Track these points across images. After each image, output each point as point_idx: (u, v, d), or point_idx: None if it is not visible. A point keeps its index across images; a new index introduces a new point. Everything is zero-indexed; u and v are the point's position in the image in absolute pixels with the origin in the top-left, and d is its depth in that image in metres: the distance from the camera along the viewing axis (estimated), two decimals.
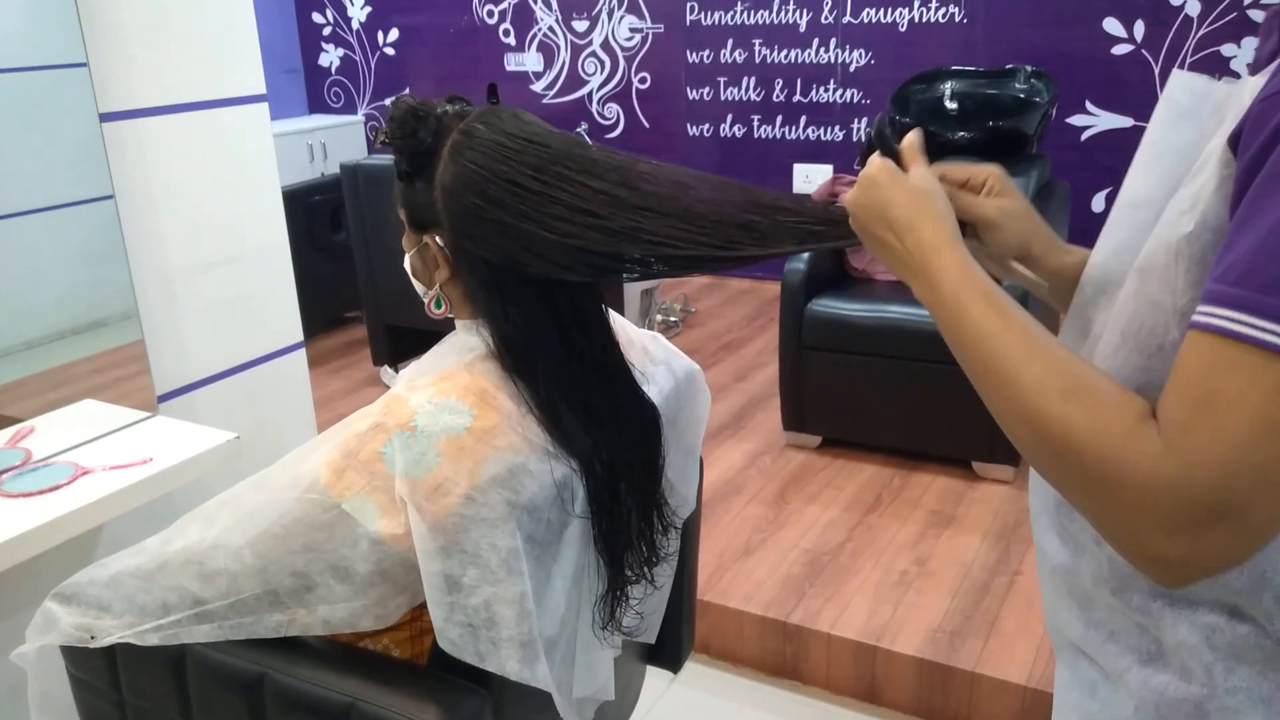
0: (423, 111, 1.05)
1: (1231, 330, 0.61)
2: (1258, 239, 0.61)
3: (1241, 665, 0.74)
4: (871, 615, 2.28)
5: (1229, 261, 0.63)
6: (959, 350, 0.78)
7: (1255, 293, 0.60)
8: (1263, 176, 0.63)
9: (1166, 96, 0.82)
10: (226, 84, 2.05)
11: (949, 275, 0.80)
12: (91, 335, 2.09)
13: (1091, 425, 0.67)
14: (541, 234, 1.00)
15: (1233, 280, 0.62)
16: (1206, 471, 0.61)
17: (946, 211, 0.85)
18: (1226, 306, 0.62)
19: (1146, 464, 0.63)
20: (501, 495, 0.99)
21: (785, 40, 4.55)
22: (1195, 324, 0.64)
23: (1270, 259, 0.60)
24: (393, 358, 3.75)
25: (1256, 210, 0.62)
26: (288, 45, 5.75)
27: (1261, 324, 0.60)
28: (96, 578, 1.17)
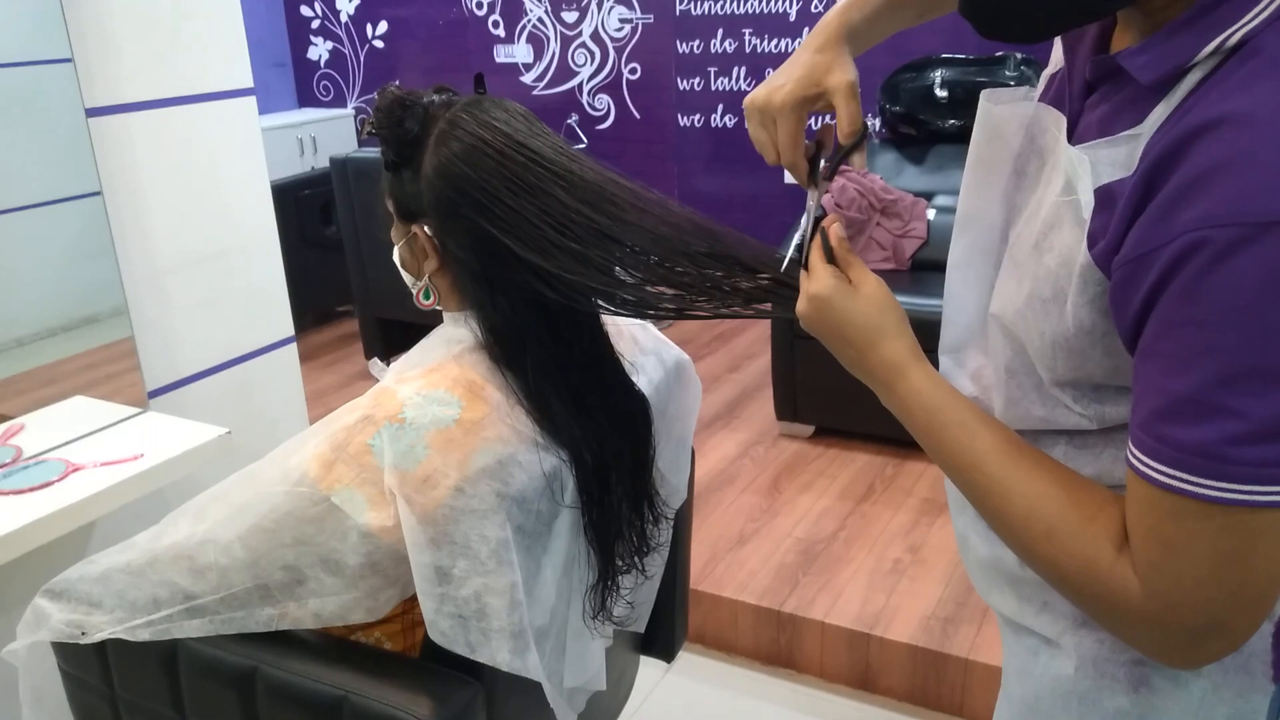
0: (409, 101, 1.05)
1: (1169, 485, 0.65)
2: (1173, 402, 0.64)
3: None
4: (865, 603, 2.29)
5: (1148, 414, 0.66)
6: (939, 465, 0.82)
7: (1181, 453, 0.64)
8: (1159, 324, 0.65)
9: (979, 123, 0.89)
10: (213, 78, 2.04)
11: (917, 400, 0.83)
12: (81, 332, 2.09)
13: (1076, 566, 0.72)
14: (509, 242, 1.01)
15: (1157, 438, 0.66)
16: (1184, 608, 0.67)
17: (903, 323, 0.86)
18: (1157, 460, 0.66)
19: (1133, 601, 0.69)
20: (491, 486, 0.99)
21: (776, 29, 4.54)
22: (1134, 469, 0.68)
23: (1186, 425, 0.64)
24: (384, 351, 3.74)
25: (1165, 365, 0.65)
26: (276, 38, 5.73)
27: (1192, 479, 0.64)
28: (87, 574, 1.17)
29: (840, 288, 0.86)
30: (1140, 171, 0.67)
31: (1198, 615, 0.67)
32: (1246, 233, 0.60)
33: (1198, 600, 0.67)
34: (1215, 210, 0.61)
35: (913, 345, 0.85)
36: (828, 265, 0.88)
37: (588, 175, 1.03)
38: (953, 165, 3.55)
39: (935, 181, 3.52)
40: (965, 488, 0.80)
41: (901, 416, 0.85)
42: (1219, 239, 0.60)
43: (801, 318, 0.90)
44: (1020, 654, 0.92)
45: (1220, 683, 0.79)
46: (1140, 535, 0.69)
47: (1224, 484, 0.63)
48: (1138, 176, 0.67)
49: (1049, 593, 0.86)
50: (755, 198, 4.76)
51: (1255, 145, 0.61)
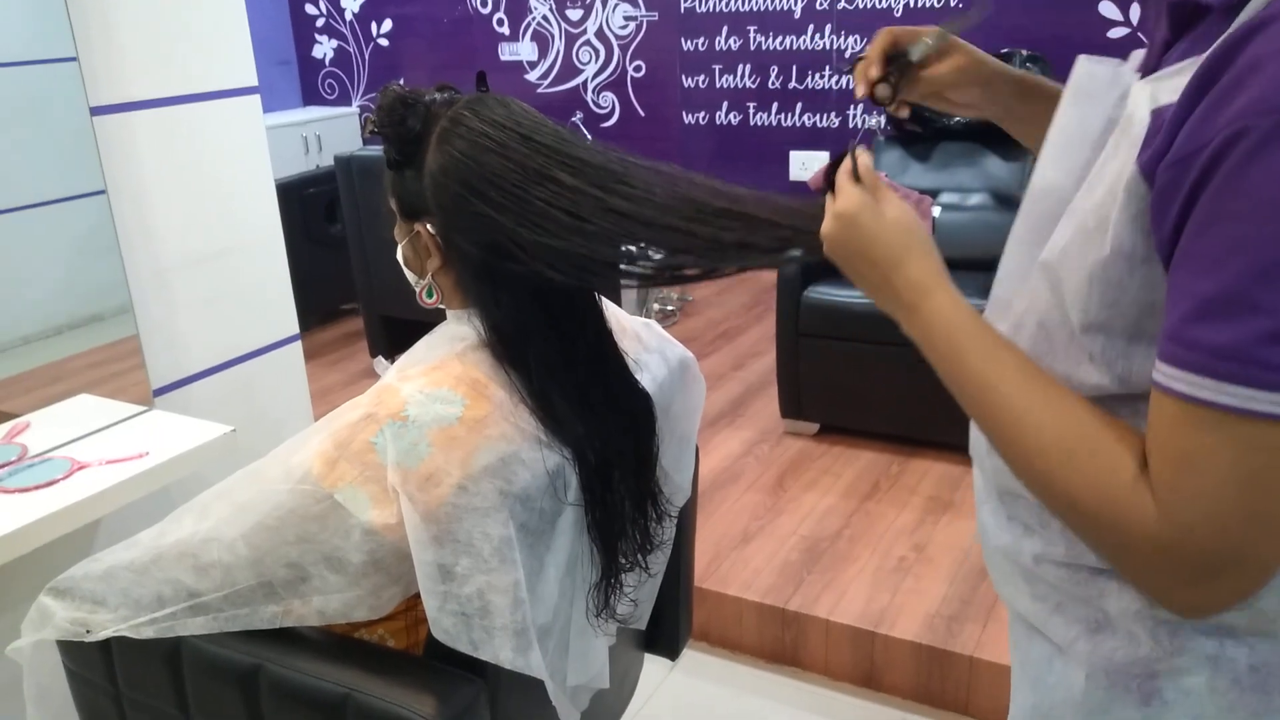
0: (411, 99, 1.05)
1: (1192, 395, 0.63)
2: (1203, 302, 0.62)
3: (1185, 626, 0.77)
4: (870, 601, 2.28)
5: (1177, 320, 0.64)
6: (956, 393, 0.79)
7: (1208, 357, 0.62)
8: (1196, 224, 0.64)
9: (1071, 84, 0.83)
10: (218, 76, 2.04)
11: (940, 319, 0.80)
12: (86, 330, 2.09)
13: (1093, 490, 0.69)
14: (519, 230, 1.00)
15: (1186, 344, 0.63)
16: (1201, 531, 0.64)
17: (931, 245, 0.84)
18: (1183, 369, 0.63)
19: (1149, 527, 0.66)
20: (494, 484, 0.99)
21: (780, 26, 4.53)
22: (1158, 385, 0.66)
23: (1217, 325, 0.62)
24: (389, 349, 3.74)
25: (1198, 266, 0.63)
26: (281, 37, 5.73)
27: (1218, 386, 0.62)
28: (91, 572, 1.17)
29: (869, 204, 0.84)
30: (1192, 79, 0.66)
31: (1214, 541, 0.64)
32: (1225, 140, 0.60)
33: (1215, 524, 0.63)
34: (1256, 101, 0.60)
35: (940, 266, 0.82)
36: (856, 185, 0.86)
37: (594, 158, 1.02)
38: (958, 163, 3.54)
39: (940, 179, 3.52)
40: (983, 411, 0.77)
41: (923, 339, 0.81)
42: (1259, 127, 0.59)
43: (827, 239, 0.87)
44: (1034, 661, 0.90)
45: (1235, 702, 0.77)
46: (1160, 455, 0.66)
47: (1250, 390, 0.60)
48: (1189, 84, 0.66)
49: (1063, 594, 0.84)
50: None
51: None
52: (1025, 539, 0.86)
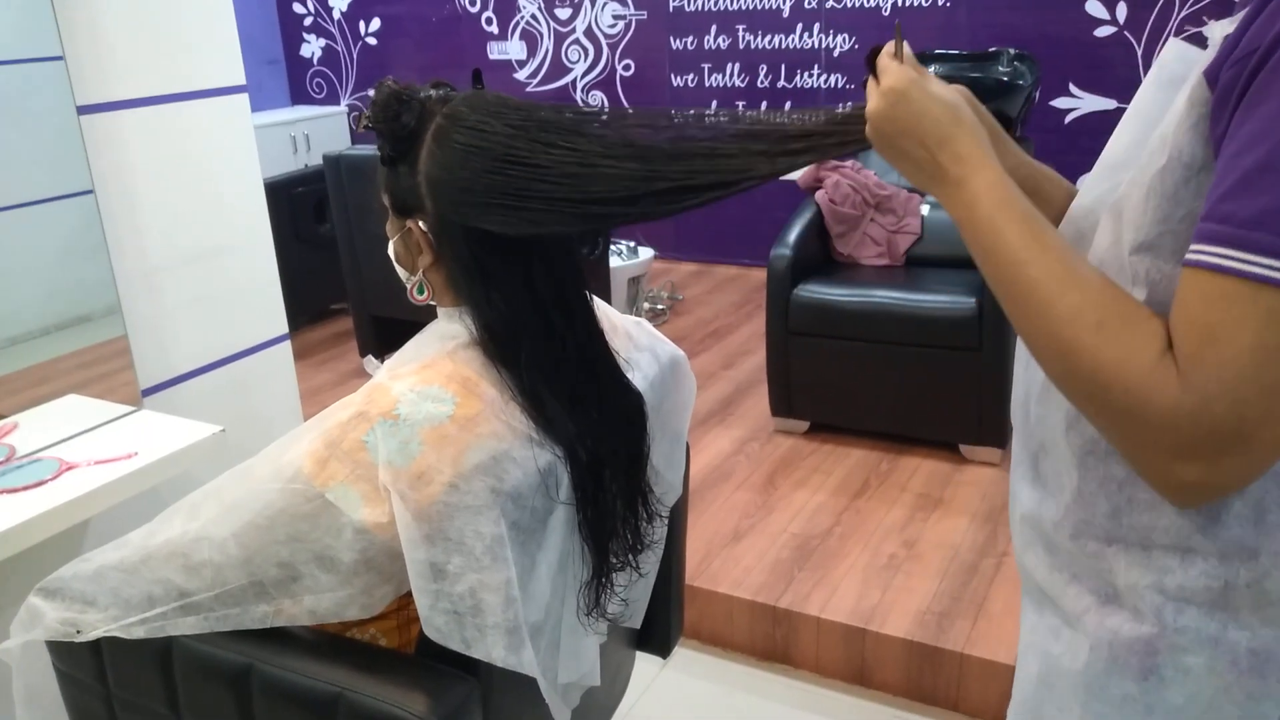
0: (406, 95, 1.05)
1: (1220, 265, 0.64)
2: (1241, 175, 0.63)
3: (1190, 606, 0.77)
4: (860, 598, 2.29)
5: (1215, 199, 0.65)
6: (990, 271, 0.77)
7: (1239, 228, 0.63)
8: (1244, 108, 0.65)
9: (1159, 63, 0.83)
10: (206, 75, 2.04)
11: (986, 194, 0.78)
12: (74, 331, 2.08)
13: (1119, 357, 0.69)
14: (533, 192, 0.98)
15: (1219, 218, 0.64)
16: (1220, 402, 0.64)
17: (977, 124, 0.83)
18: (1214, 243, 0.64)
19: (1168, 396, 0.66)
20: (485, 483, 0.99)
21: (769, 25, 4.54)
22: (1189, 262, 0.66)
23: (1251, 195, 0.63)
24: (379, 349, 3.73)
25: (1240, 145, 0.64)
26: (268, 36, 5.71)
27: (1246, 257, 0.62)
28: (80, 572, 1.17)
29: (918, 80, 0.82)
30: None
31: (1229, 413, 0.64)
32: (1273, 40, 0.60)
33: (1234, 393, 0.64)
34: None
35: (987, 145, 0.81)
36: (902, 65, 0.84)
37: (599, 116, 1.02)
38: None
39: None
40: (1015, 285, 0.75)
41: (965, 215, 0.79)
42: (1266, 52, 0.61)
43: (873, 116, 0.85)
44: (1042, 632, 0.91)
45: (1231, 683, 0.78)
46: (1185, 329, 0.66)
47: (1266, 259, 0.61)
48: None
49: (1079, 565, 0.84)
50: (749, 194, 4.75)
51: None
52: (1046, 504, 0.86)
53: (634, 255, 4.18)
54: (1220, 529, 0.75)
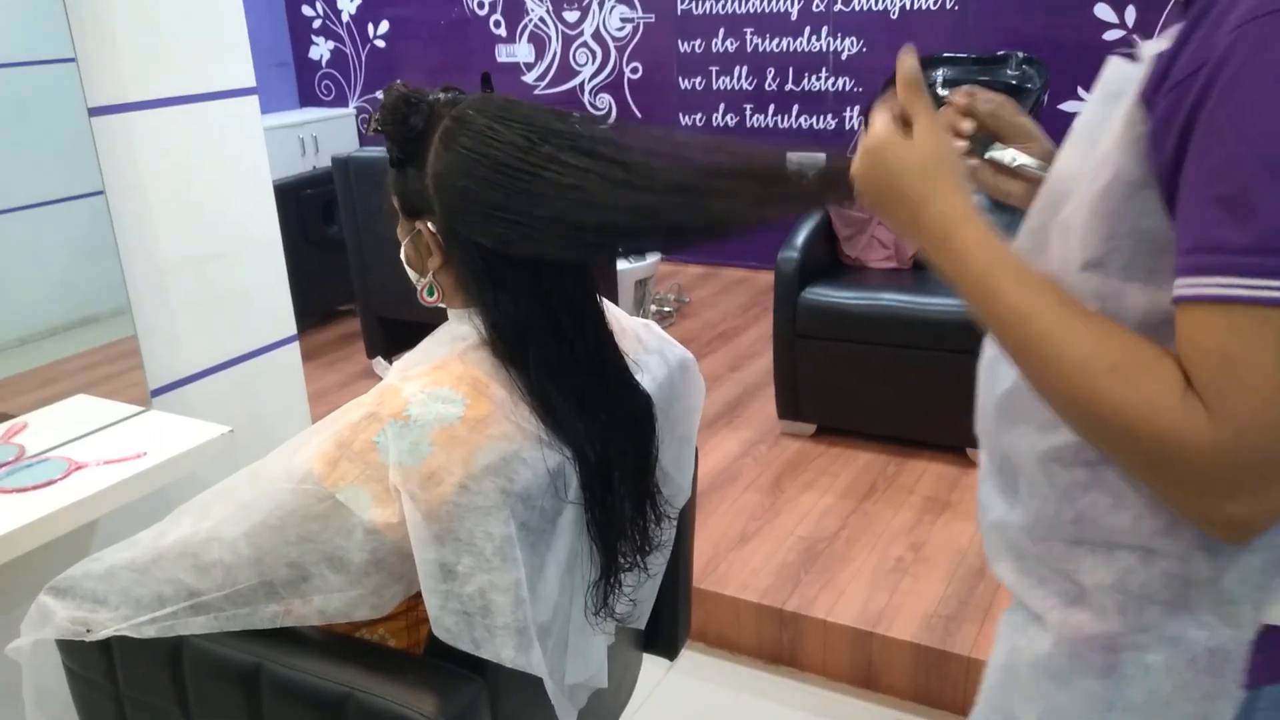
0: (414, 98, 1.05)
1: (1224, 295, 0.63)
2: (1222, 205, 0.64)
3: (1152, 605, 0.79)
4: (867, 602, 2.29)
5: (1199, 232, 0.65)
6: (993, 329, 0.77)
7: (1236, 255, 0.63)
8: (1200, 140, 0.65)
9: (1102, 80, 0.84)
10: (216, 77, 2.04)
11: (974, 254, 0.78)
12: (83, 331, 2.09)
13: (1143, 402, 0.67)
14: (533, 213, 1.00)
15: (1210, 248, 0.64)
16: (1253, 431, 0.63)
17: (960, 176, 0.82)
18: (1213, 274, 0.64)
19: (1202, 435, 0.64)
20: (495, 483, 0.99)
21: (777, 29, 4.54)
22: (1186, 297, 0.66)
23: (1237, 223, 0.63)
24: (386, 350, 3.74)
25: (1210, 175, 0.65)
26: (277, 38, 5.73)
27: (1249, 283, 0.62)
28: (91, 571, 1.17)
29: (893, 138, 0.83)
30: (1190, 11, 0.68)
31: (1265, 441, 0.63)
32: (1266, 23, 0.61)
33: (1266, 422, 0.63)
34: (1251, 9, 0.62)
35: (968, 200, 0.81)
36: (887, 116, 0.84)
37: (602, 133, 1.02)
38: None
39: None
40: (1019, 340, 0.74)
41: (955, 274, 0.79)
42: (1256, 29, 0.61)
43: (856, 177, 0.85)
44: (1011, 624, 0.93)
45: (1190, 682, 0.79)
46: (1200, 365, 0.65)
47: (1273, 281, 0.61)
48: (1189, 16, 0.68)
49: (1046, 568, 0.85)
50: None
51: None
52: (1013, 511, 0.88)
53: (641, 257, 4.19)
54: (1180, 529, 0.76)
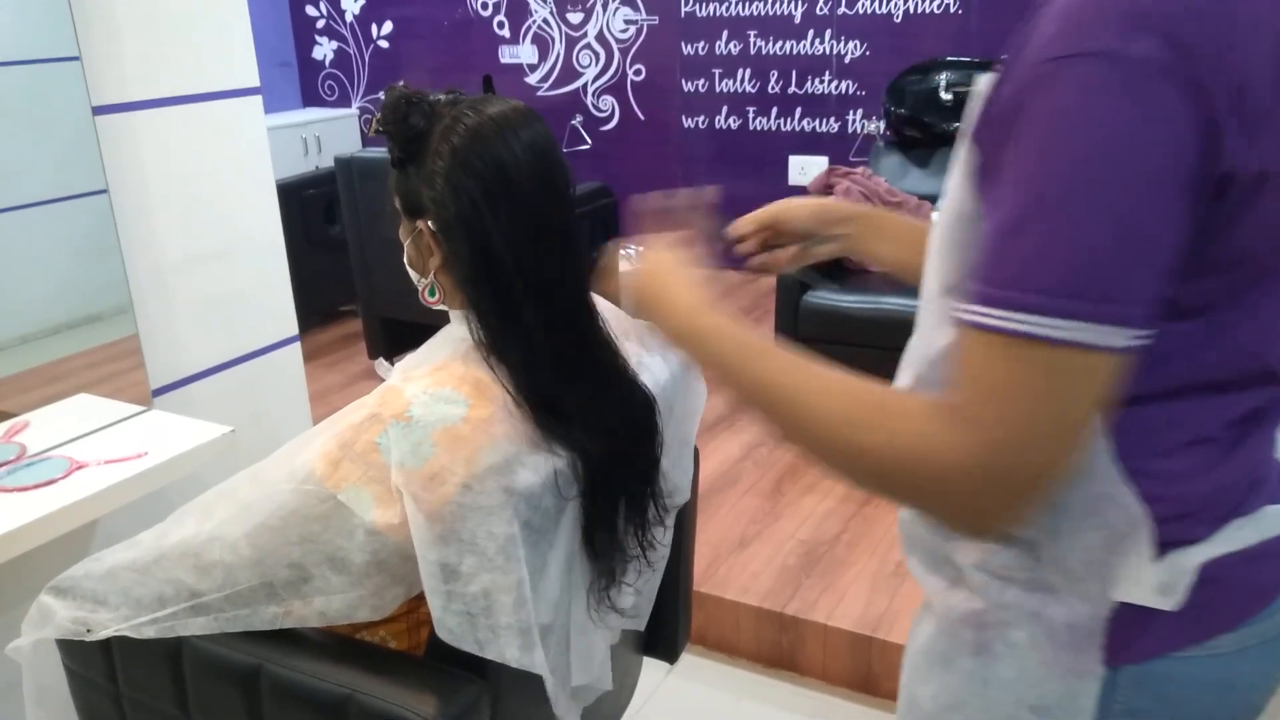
0: (415, 98, 1.06)
1: (986, 324, 0.68)
2: (993, 238, 0.69)
3: (1012, 585, 0.82)
4: (868, 606, 2.28)
5: (977, 259, 0.70)
6: (747, 404, 0.85)
7: (998, 288, 0.67)
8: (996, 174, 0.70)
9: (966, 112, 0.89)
10: (220, 77, 2.04)
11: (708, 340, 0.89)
12: (86, 330, 2.09)
13: (883, 442, 0.73)
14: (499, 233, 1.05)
15: (982, 278, 0.69)
16: (1005, 453, 0.68)
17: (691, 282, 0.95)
18: (981, 303, 0.68)
19: (952, 457, 0.69)
20: (498, 483, 0.99)
21: (780, 32, 4.54)
22: (960, 320, 0.70)
23: (1000, 257, 0.68)
24: (388, 351, 3.74)
25: (990, 207, 0.70)
26: (281, 38, 5.73)
27: (1008, 315, 0.66)
28: (92, 571, 1.17)
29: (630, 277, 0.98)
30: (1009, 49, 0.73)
31: (1016, 462, 0.68)
32: (1047, 69, 0.66)
33: (1016, 443, 0.68)
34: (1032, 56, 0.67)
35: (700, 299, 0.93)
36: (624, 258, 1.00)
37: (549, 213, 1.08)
38: None
39: (940, 184, 3.51)
40: (770, 410, 0.82)
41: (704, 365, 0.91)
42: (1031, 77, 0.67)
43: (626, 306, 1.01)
44: (917, 614, 0.97)
45: (1052, 657, 0.81)
46: (967, 384, 0.70)
47: (1020, 315, 0.65)
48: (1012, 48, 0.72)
49: (933, 555, 0.89)
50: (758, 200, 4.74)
51: None
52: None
53: None
54: None
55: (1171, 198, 0.65)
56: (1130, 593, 0.78)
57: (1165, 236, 0.66)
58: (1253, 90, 0.65)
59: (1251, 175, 0.66)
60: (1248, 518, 0.79)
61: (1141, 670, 0.81)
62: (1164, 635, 0.80)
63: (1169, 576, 0.77)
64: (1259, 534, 0.80)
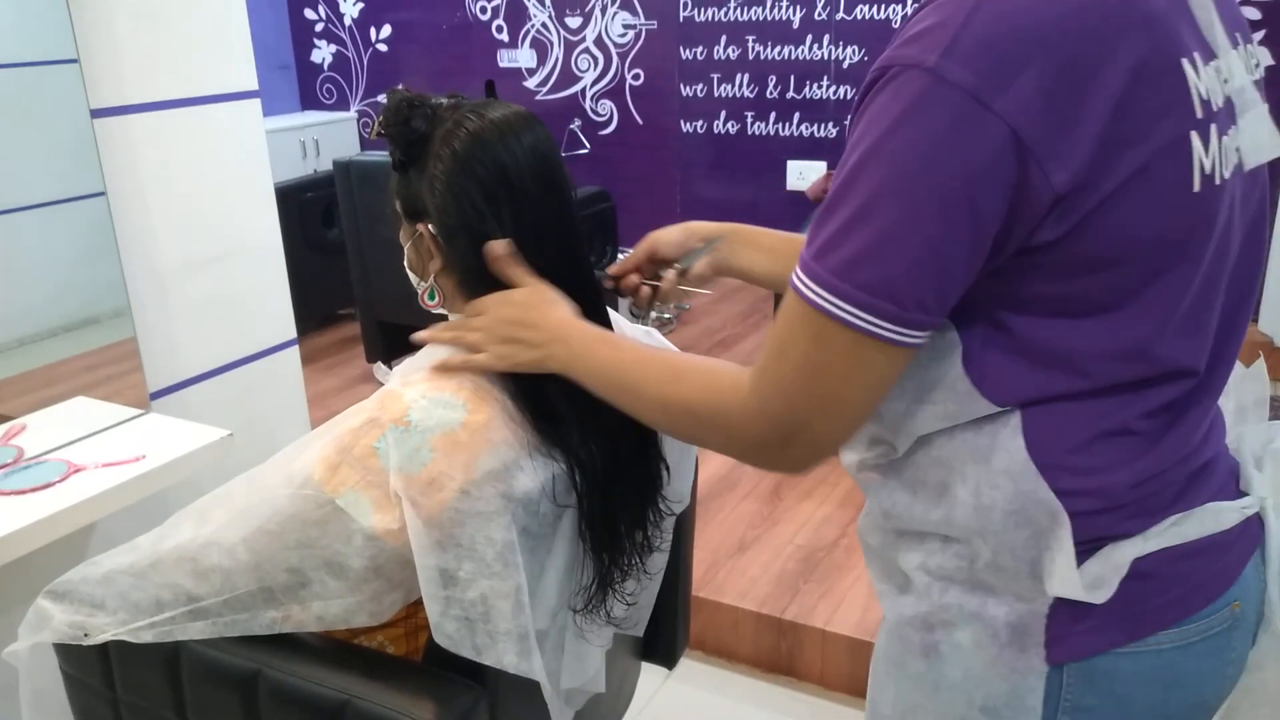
0: (417, 101, 1.06)
1: (795, 285, 0.76)
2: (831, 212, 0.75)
3: (953, 586, 0.85)
4: (866, 611, 2.28)
5: (816, 229, 0.76)
6: (600, 387, 0.96)
7: (828, 272, 0.73)
8: None
9: None
10: (219, 80, 2.04)
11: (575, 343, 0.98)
12: (83, 332, 2.08)
13: (700, 388, 0.86)
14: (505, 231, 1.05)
15: (817, 254, 0.75)
16: (776, 403, 0.78)
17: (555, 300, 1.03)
18: (809, 277, 0.75)
19: (738, 404, 0.81)
20: (496, 489, 0.99)
21: (779, 37, 4.54)
22: (791, 282, 0.77)
23: (818, 230, 0.75)
24: (386, 355, 3.74)
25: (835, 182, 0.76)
26: (280, 41, 5.73)
27: (807, 283, 0.74)
28: (89, 575, 1.17)
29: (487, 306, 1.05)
30: None
31: (784, 412, 0.78)
32: (874, 75, 0.73)
33: (785, 397, 0.78)
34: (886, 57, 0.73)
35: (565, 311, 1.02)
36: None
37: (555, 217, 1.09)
38: None
39: None
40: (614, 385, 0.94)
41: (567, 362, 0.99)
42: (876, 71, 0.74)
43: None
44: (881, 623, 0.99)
45: (996, 657, 0.83)
46: (767, 343, 0.79)
47: (839, 301, 0.72)
48: None
49: (885, 562, 0.92)
50: (757, 204, 4.76)
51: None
52: (864, 514, 0.94)
53: None
54: (955, 517, 0.82)
55: (981, 221, 0.71)
56: (1061, 588, 0.79)
57: (968, 256, 0.72)
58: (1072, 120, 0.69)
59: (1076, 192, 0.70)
60: (1188, 514, 0.81)
61: (1085, 667, 0.81)
62: (1104, 632, 0.81)
63: (1100, 570, 0.79)
64: (1199, 529, 0.81)
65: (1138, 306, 0.75)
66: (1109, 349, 0.76)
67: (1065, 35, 0.69)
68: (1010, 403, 0.78)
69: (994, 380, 0.78)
